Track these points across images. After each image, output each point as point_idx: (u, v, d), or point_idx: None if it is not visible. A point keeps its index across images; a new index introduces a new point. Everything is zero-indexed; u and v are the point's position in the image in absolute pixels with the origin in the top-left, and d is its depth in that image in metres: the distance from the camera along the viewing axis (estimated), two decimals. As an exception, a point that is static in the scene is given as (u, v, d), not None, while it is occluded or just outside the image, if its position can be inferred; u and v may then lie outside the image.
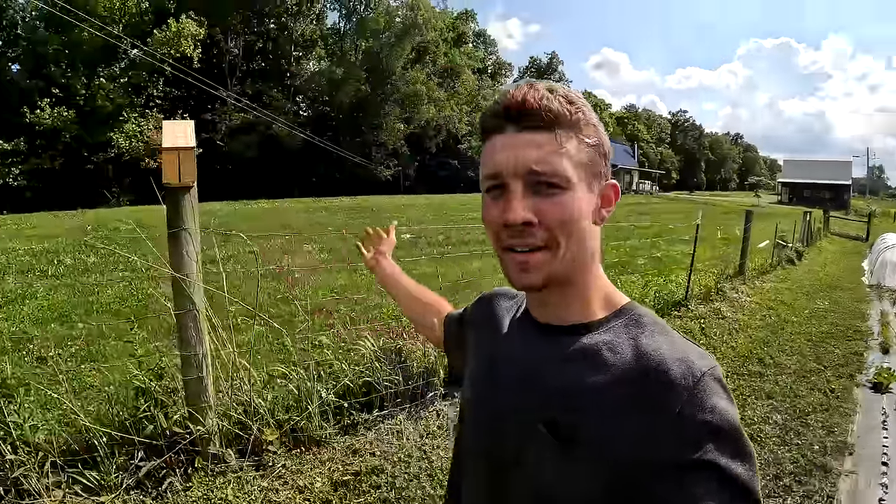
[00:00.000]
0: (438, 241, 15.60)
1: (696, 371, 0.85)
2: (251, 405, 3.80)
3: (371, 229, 1.91)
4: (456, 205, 29.42)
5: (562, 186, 0.90)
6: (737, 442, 0.82)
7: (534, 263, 0.93)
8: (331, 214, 21.86)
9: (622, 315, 1.00)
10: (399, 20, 54.04)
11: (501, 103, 0.95)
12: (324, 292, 9.17)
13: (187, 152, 3.32)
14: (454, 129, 58.65)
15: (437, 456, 4.05)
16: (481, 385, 1.14)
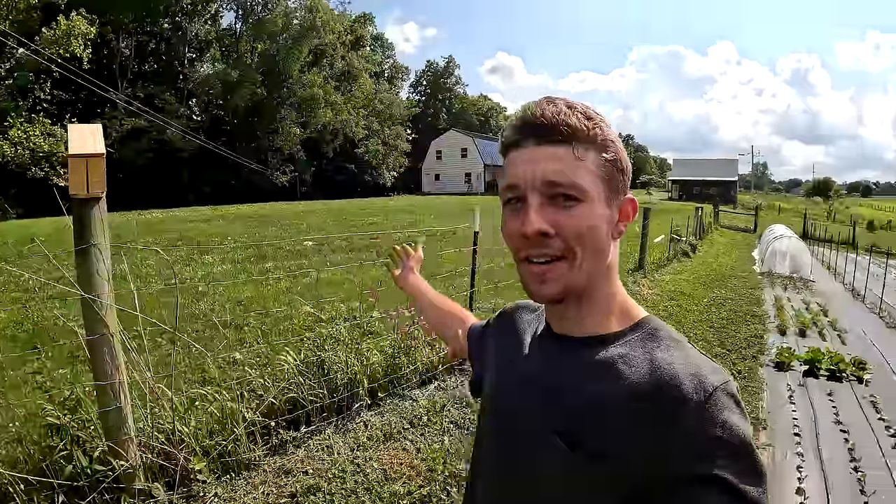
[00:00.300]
0: (342, 247, 15.37)
1: (708, 386, 0.86)
2: (174, 433, 3.57)
3: (399, 247, 1.96)
4: (355, 210, 29.16)
5: (579, 199, 0.92)
6: (748, 458, 0.83)
7: (551, 274, 0.94)
8: (228, 223, 21.21)
9: (639, 329, 1.01)
10: (297, 22, 53.38)
11: (521, 118, 0.97)
12: (231, 305, 8.87)
13: (96, 160, 3.03)
14: (351, 133, 58.22)
15: (372, 468, 3.98)
16: (500, 395, 1.16)
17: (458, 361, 5.95)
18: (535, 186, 0.93)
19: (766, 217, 45.32)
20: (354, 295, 7.74)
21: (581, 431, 0.91)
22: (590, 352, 0.99)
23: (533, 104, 0.97)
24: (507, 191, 0.98)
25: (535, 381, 1.05)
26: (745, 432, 0.84)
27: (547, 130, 0.93)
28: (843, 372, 7.30)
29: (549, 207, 0.92)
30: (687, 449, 0.82)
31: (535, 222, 0.91)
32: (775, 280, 16.31)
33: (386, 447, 4.27)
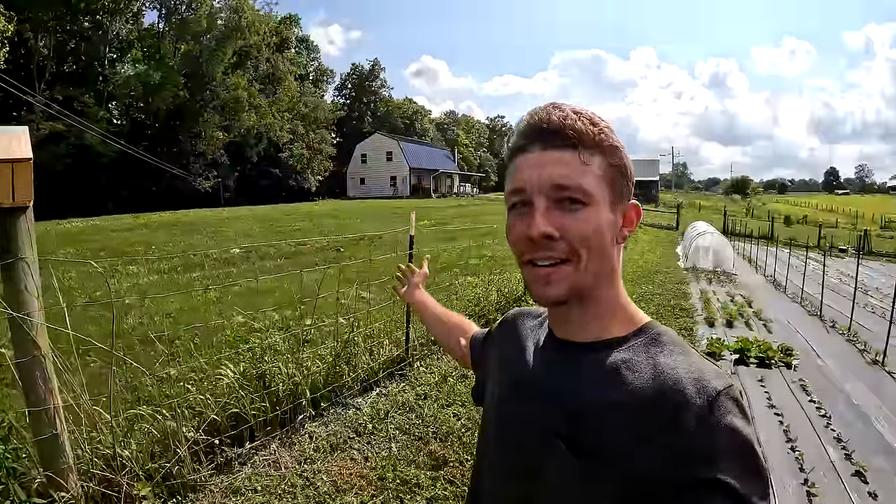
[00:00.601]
0: (270, 254, 15.14)
1: (710, 390, 0.86)
2: (115, 457, 3.40)
3: (404, 265, 2.03)
4: (281, 215, 28.79)
5: (585, 202, 0.93)
6: (751, 461, 0.83)
7: (556, 276, 0.95)
8: (152, 232, 20.64)
9: (642, 333, 1.01)
10: (221, 22, 52.15)
11: (528, 124, 0.99)
12: (159, 318, 8.61)
13: (23, 165, 2.83)
14: (275, 137, 57.28)
15: (321, 481, 3.92)
16: (504, 402, 1.16)
17: (398, 367, 5.93)
18: (541, 190, 0.94)
19: (687, 215, 46.64)
20: (287, 303, 7.61)
21: (584, 436, 0.92)
22: (594, 357, 1.00)
23: (540, 109, 0.99)
24: (512, 195, 1.00)
25: (538, 387, 1.06)
26: (748, 436, 0.84)
27: (553, 135, 0.94)
28: (772, 359, 7.70)
29: (555, 211, 0.93)
30: (690, 453, 0.82)
31: (540, 225, 0.92)
32: (700, 274, 16.85)
33: (333, 458, 4.22)
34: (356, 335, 5.71)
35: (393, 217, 26.25)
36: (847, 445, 5.12)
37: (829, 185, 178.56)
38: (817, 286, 13.21)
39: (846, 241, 39.29)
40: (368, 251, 13.17)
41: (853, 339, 9.40)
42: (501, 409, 1.15)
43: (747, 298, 13.26)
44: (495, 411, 1.18)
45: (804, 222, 63.72)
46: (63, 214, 30.36)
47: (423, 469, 4.12)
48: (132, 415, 3.83)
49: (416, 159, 67.84)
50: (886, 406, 6.27)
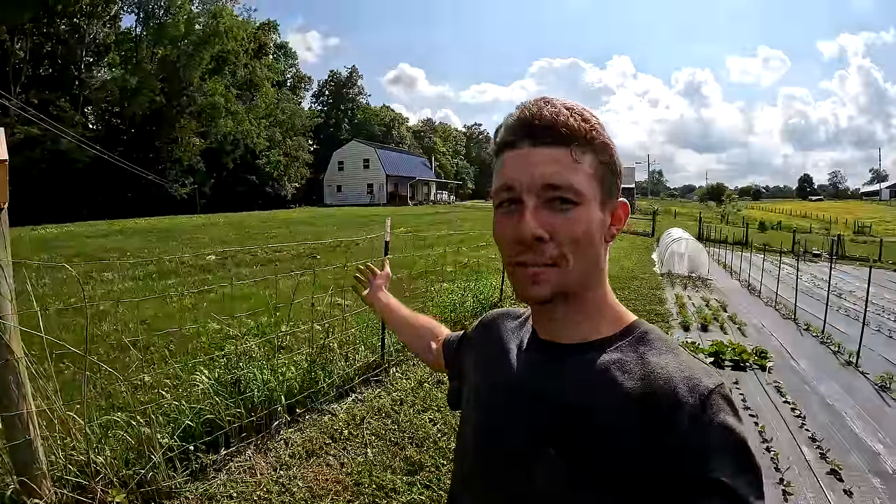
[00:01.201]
0: (246, 260, 15.05)
1: (702, 389, 0.85)
2: (89, 464, 3.37)
3: (363, 265, 1.96)
4: (257, 222, 28.63)
5: (576, 202, 0.91)
6: (745, 459, 0.82)
7: (544, 277, 0.92)
8: (127, 238, 20.47)
9: (629, 333, 1.00)
10: (199, 27, 51.71)
11: (518, 118, 0.95)
12: (134, 324, 8.52)
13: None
14: (252, 143, 56.89)
15: (297, 487, 3.91)
16: (485, 406, 1.12)
17: (373, 373, 5.91)
18: (531, 188, 0.91)
19: (662, 221, 47.08)
20: (262, 309, 7.58)
21: (575, 440, 0.90)
22: (581, 358, 0.98)
23: (530, 104, 0.96)
24: (500, 192, 0.96)
25: (524, 391, 1.03)
26: (741, 434, 0.84)
27: (545, 131, 0.91)
28: (747, 361, 7.85)
29: (545, 210, 0.91)
30: (685, 453, 0.81)
31: (531, 226, 0.89)
32: (675, 280, 17.00)
33: (309, 464, 4.20)
34: (331, 341, 5.71)
35: (370, 224, 26.25)
36: (822, 445, 5.22)
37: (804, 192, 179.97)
38: (792, 290, 13.39)
39: (820, 245, 39.77)
40: (345, 258, 13.17)
41: (827, 341, 9.55)
42: (483, 413, 1.12)
43: (722, 303, 13.42)
44: (476, 415, 1.15)
45: (779, 228, 64.53)
46: (37, 220, 29.96)
47: (399, 474, 4.13)
48: (106, 421, 3.80)
49: (393, 167, 67.79)
50: (860, 406, 6.39)
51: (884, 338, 10.25)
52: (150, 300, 9.44)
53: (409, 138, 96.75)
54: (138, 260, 13.97)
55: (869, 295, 9.18)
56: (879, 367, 7.83)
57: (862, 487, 4.52)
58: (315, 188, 72.04)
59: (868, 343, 8.62)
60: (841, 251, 35.92)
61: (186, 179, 50.48)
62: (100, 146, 41.52)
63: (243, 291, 10.23)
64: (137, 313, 8.74)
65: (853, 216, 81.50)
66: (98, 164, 42.21)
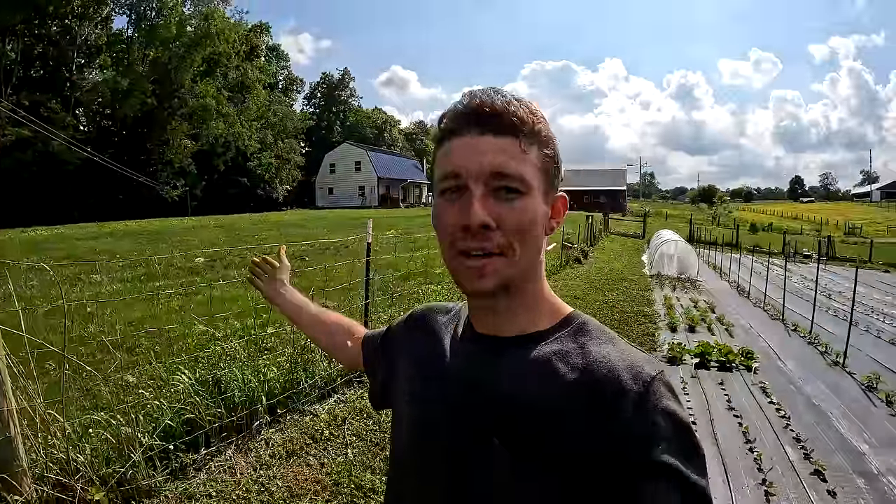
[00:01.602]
0: (235, 262, 15.00)
1: (645, 376, 0.86)
2: (69, 462, 3.38)
3: (257, 257, 1.75)
4: (248, 224, 28.56)
5: (522, 192, 0.90)
6: (688, 442, 0.83)
7: (490, 268, 0.91)
8: (117, 240, 20.40)
9: (568, 324, 1.00)
10: (191, 29, 51.50)
11: (467, 106, 0.93)
12: (122, 326, 8.50)
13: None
14: (244, 146, 56.71)
15: (276, 486, 3.93)
16: (421, 401, 1.10)
17: (356, 374, 5.90)
18: (479, 176, 0.89)
19: (654, 223, 47.19)
20: (249, 311, 7.58)
21: (521, 431, 0.89)
22: (522, 351, 0.97)
23: (480, 92, 0.94)
24: (445, 179, 0.94)
25: (461, 383, 1.01)
26: (684, 417, 0.84)
27: (494, 120, 0.90)
28: (733, 362, 7.91)
29: (491, 199, 0.89)
30: (630, 439, 0.81)
31: (479, 214, 0.87)
32: (664, 281, 17.05)
33: (289, 464, 4.22)
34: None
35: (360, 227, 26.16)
36: (806, 445, 5.25)
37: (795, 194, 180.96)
38: (780, 291, 13.43)
39: (811, 247, 39.84)
40: (334, 260, 13.15)
41: (814, 341, 9.60)
42: (418, 407, 1.10)
43: (710, 304, 13.46)
44: (409, 410, 1.12)
45: (769, 229, 64.60)
46: (28, 222, 29.91)
47: (378, 474, 4.15)
48: (87, 420, 3.82)
49: (385, 169, 67.83)
50: (846, 406, 6.42)
51: (871, 338, 10.31)
52: (138, 302, 9.42)
53: (400, 140, 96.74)
54: (127, 262, 13.93)
55: (856, 295, 9.21)
56: (866, 367, 7.86)
57: (846, 488, 4.55)
58: (307, 190, 71.94)
59: (855, 343, 8.69)
60: (831, 252, 36.08)
61: (178, 182, 50.25)
62: (91, 148, 41.31)
63: (231, 293, 10.22)
64: (125, 315, 8.74)
65: (844, 217, 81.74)
66: (89, 166, 42.01)
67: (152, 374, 4.96)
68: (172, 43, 50.46)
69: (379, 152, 72.16)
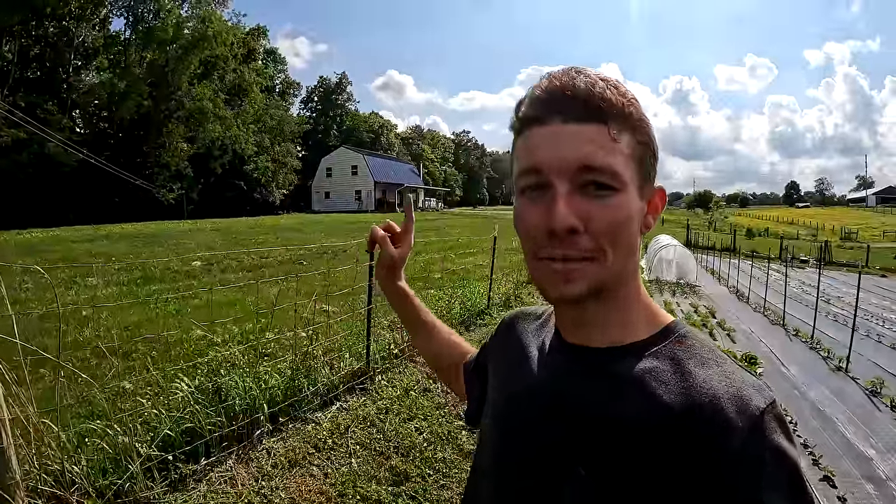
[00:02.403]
0: (232, 266, 14.94)
1: (753, 409, 0.75)
2: (63, 474, 3.26)
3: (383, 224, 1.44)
4: (244, 228, 28.51)
5: (614, 187, 0.80)
6: (796, 486, 0.73)
7: (577, 274, 0.81)
8: (113, 243, 20.32)
9: (667, 336, 0.89)
10: (188, 32, 51.34)
11: (546, 90, 0.83)
12: (118, 330, 8.40)
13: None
14: (241, 149, 56.62)
15: (279, 498, 3.83)
16: (507, 421, 1.00)
17: (358, 380, 5.84)
18: (563, 172, 0.80)
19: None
20: (248, 316, 7.49)
21: (607, 461, 0.80)
22: (613, 365, 0.87)
23: (561, 73, 0.84)
24: (525, 175, 0.84)
25: (546, 401, 0.92)
26: (794, 459, 0.75)
27: (579, 106, 0.80)
28: (736, 366, 7.72)
29: (579, 197, 0.80)
30: (733, 479, 0.72)
31: (565, 216, 0.78)
32: (663, 286, 17.09)
33: (292, 474, 4.12)
34: (315, 348, 5.61)
35: (357, 231, 26.17)
36: (814, 451, 5.25)
37: (790, 199, 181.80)
38: (779, 296, 13.47)
39: (807, 252, 40.15)
40: (332, 264, 13.09)
41: (816, 346, 9.62)
42: (504, 430, 1.00)
43: (711, 309, 13.47)
44: (497, 432, 1.03)
45: (766, 234, 65.01)
46: (23, 224, 29.80)
47: (384, 485, 4.06)
48: (83, 429, 3.71)
49: (382, 173, 67.79)
50: (850, 411, 6.39)
51: (873, 343, 10.33)
52: (135, 306, 9.33)
53: (397, 145, 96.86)
54: (123, 265, 13.85)
55: (858, 300, 9.20)
56: (869, 371, 7.87)
57: (856, 494, 4.54)
58: (303, 194, 71.89)
59: (857, 348, 8.66)
60: (828, 257, 36.23)
61: (174, 185, 50.11)
62: (87, 150, 41.16)
63: (228, 298, 10.14)
64: (121, 319, 8.65)
65: (840, 223, 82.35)
66: (85, 168, 41.85)
67: (149, 381, 4.87)
68: (169, 45, 50.32)
69: (376, 156, 72.22)
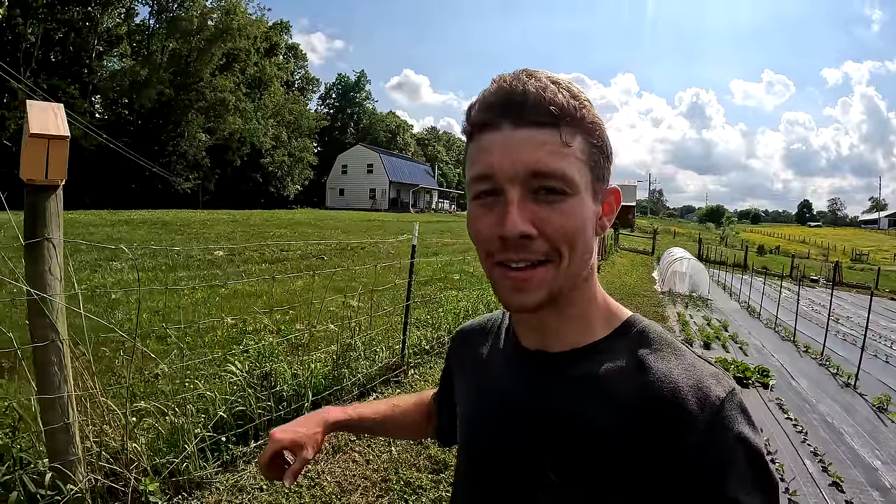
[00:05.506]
0: (254, 258, 15.10)
1: (713, 399, 0.76)
2: (123, 451, 3.32)
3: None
4: (260, 221, 28.49)
5: (566, 192, 0.79)
6: (761, 475, 0.75)
7: (535, 281, 0.81)
8: (133, 229, 20.44)
9: (626, 332, 0.90)
10: (212, 23, 51.43)
11: (496, 94, 0.82)
12: (148, 315, 8.57)
13: (59, 142, 2.76)
14: (259, 142, 56.72)
15: (327, 481, 3.98)
16: (476, 434, 1.03)
17: (393, 373, 6.01)
18: (515, 178, 0.79)
19: (661, 241, 47.35)
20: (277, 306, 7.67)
21: (575, 463, 0.82)
22: (574, 369, 0.87)
23: (511, 77, 0.82)
24: (477, 182, 0.83)
25: (513, 410, 0.93)
26: (757, 446, 0.75)
27: (530, 110, 0.79)
28: (749, 379, 8.07)
29: (531, 203, 0.79)
30: (697, 470, 0.73)
31: (517, 222, 0.78)
32: (676, 299, 17.20)
33: (336, 460, 4.28)
34: (357, 340, 5.77)
35: (374, 229, 26.31)
36: (824, 459, 5.48)
37: (802, 217, 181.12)
38: (789, 313, 13.68)
39: (817, 271, 40.17)
40: (353, 261, 13.28)
41: (825, 363, 9.79)
42: (472, 443, 1.03)
43: (723, 322, 13.61)
44: (466, 445, 1.05)
45: (777, 252, 64.80)
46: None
47: (424, 472, 4.22)
48: (142, 408, 3.79)
49: (397, 173, 67.65)
50: (858, 425, 6.60)
51: (881, 363, 10.50)
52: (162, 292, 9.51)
53: (412, 145, 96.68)
54: (147, 251, 14.00)
55: (868, 322, 9.36)
56: (877, 389, 8.07)
57: (862, 499, 4.74)
58: (316, 190, 71.80)
59: (865, 367, 8.86)
60: (839, 278, 36.20)
61: (191, 174, 50.27)
62: (105, 135, 41.30)
63: (255, 288, 10.33)
64: (150, 304, 8.81)
65: (851, 244, 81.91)
66: (103, 153, 41.80)
67: (204, 363, 4.95)
68: (193, 36, 50.44)
69: (392, 156, 72.00)
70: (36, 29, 43.14)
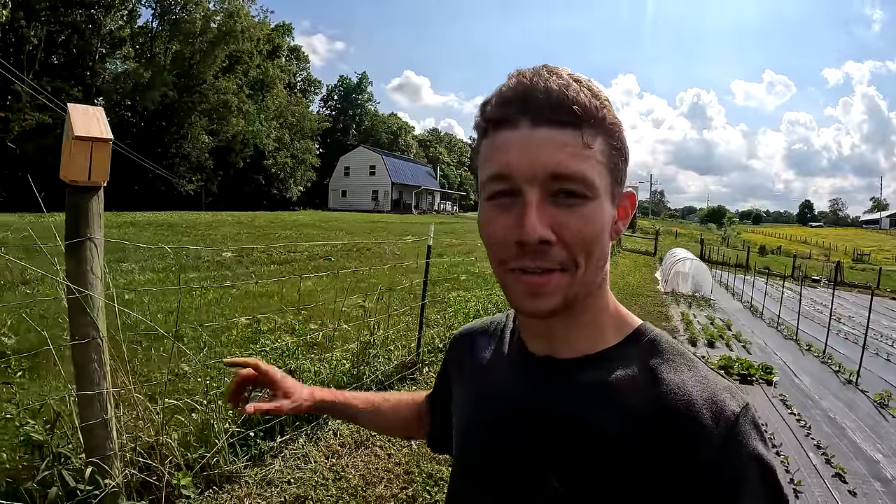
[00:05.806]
0: (263, 259, 15.22)
1: (728, 413, 0.76)
2: (156, 446, 3.40)
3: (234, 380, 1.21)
4: (265, 222, 28.50)
5: (586, 196, 0.77)
6: (773, 491, 0.74)
7: (550, 286, 0.78)
8: (139, 230, 20.52)
9: (637, 340, 0.88)
10: (215, 25, 51.42)
11: (515, 90, 0.79)
12: (162, 315, 8.71)
13: (102, 145, 2.80)
14: (261, 144, 56.75)
15: (352, 474, 4.12)
16: (475, 440, 0.99)
17: (411, 371, 6.13)
18: (534, 179, 0.76)
19: (664, 241, 47.45)
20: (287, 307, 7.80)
21: (583, 471, 0.81)
22: (583, 375, 0.86)
23: (531, 73, 0.79)
24: (493, 181, 0.80)
25: (518, 416, 0.91)
26: (770, 464, 0.75)
27: (552, 109, 0.76)
28: (754, 376, 8.27)
29: (550, 206, 0.76)
30: (709, 486, 0.73)
31: (536, 227, 0.75)
32: (679, 298, 17.35)
33: (359, 453, 4.43)
34: (376, 338, 5.91)
35: (378, 231, 26.39)
36: (827, 452, 5.70)
37: (804, 218, 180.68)
38: (792, 313, 13.84)
39: (819, 271, 40.34)
40: (360, 262, 13.41)
41: (827, 361, 9.99)
42: (472, 448, 0.99)
43: (726, 322, 13.78)
44: (465, 451, 1.02)
45: (778, 252, 64.86)
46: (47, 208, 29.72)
47: (444, 465, 4.34)
48: (171, 404, 3.89)
49: (399, 174, 67.56)
50: (860, 420, 6.80)
51: (882, 361, 10.68)
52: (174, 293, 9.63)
53: (414, 147, 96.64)
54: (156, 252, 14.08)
55: (869, 321, 9.54)
56: (878, 386, 8.28)
57: (865, 489, 4.95)
58: (319, 192, 71.73)
59: (867, 365, 9.03)
60: (840, 278, 36.31)
61: (194, 176, 50.31)
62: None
63: (266, 289, 10.46)
64: (162, 304, 8.94)
65: (853, 244, 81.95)
66: (105, 155, 41.98)
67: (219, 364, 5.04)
68: (196, 38, 50.44)
69: (394, 157, 71.89)
70: (39, 31, 43.19)
